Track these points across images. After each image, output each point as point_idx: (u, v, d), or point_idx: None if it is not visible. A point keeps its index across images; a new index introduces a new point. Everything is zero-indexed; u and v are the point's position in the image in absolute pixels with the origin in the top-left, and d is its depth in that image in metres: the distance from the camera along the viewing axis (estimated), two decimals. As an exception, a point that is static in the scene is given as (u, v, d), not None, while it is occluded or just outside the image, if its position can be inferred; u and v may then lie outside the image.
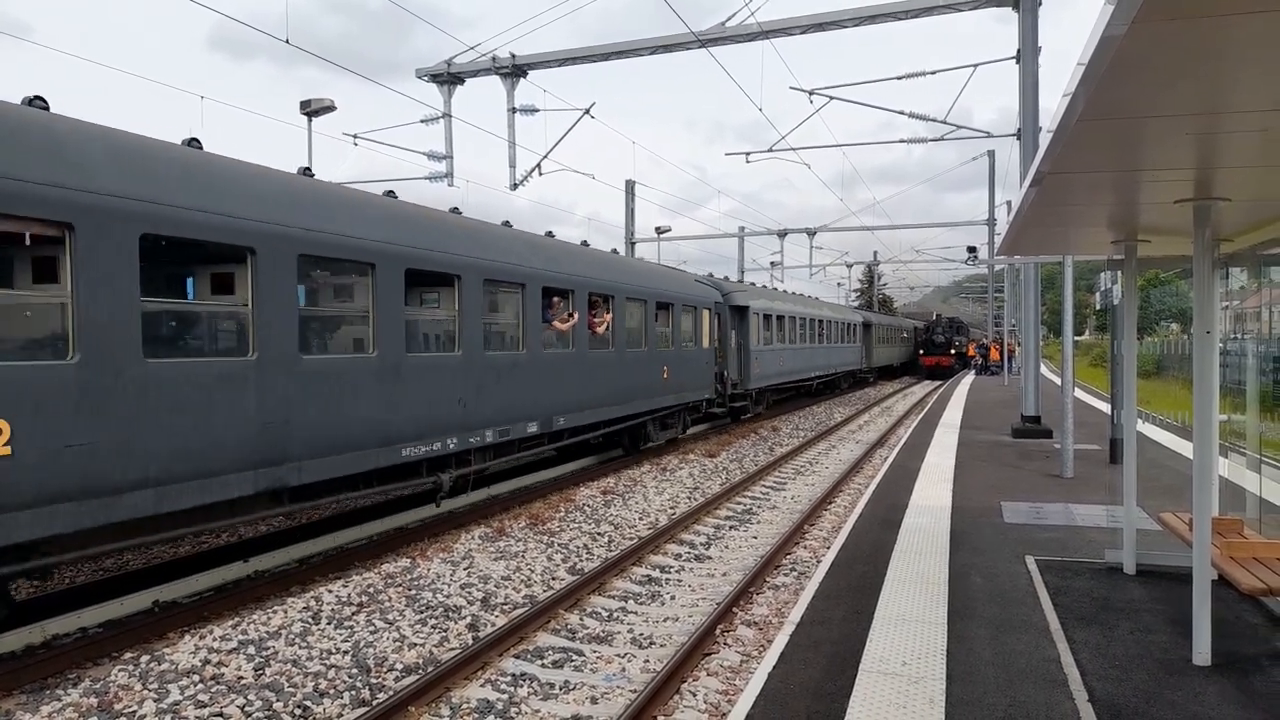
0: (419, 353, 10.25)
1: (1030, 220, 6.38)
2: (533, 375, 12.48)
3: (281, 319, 8.06)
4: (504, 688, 6.42)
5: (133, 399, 6.75)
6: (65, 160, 6.36)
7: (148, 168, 7.09)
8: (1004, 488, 12.29)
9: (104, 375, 6.53)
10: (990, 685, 5.26)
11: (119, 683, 6.21)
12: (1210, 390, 5.93)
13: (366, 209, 9.68)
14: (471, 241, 11.39)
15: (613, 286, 15.26)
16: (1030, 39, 16.96)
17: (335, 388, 8.74)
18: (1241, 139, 4.16)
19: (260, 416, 7.85)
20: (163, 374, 7.00)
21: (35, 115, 6.60)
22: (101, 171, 6.58)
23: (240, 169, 8.34)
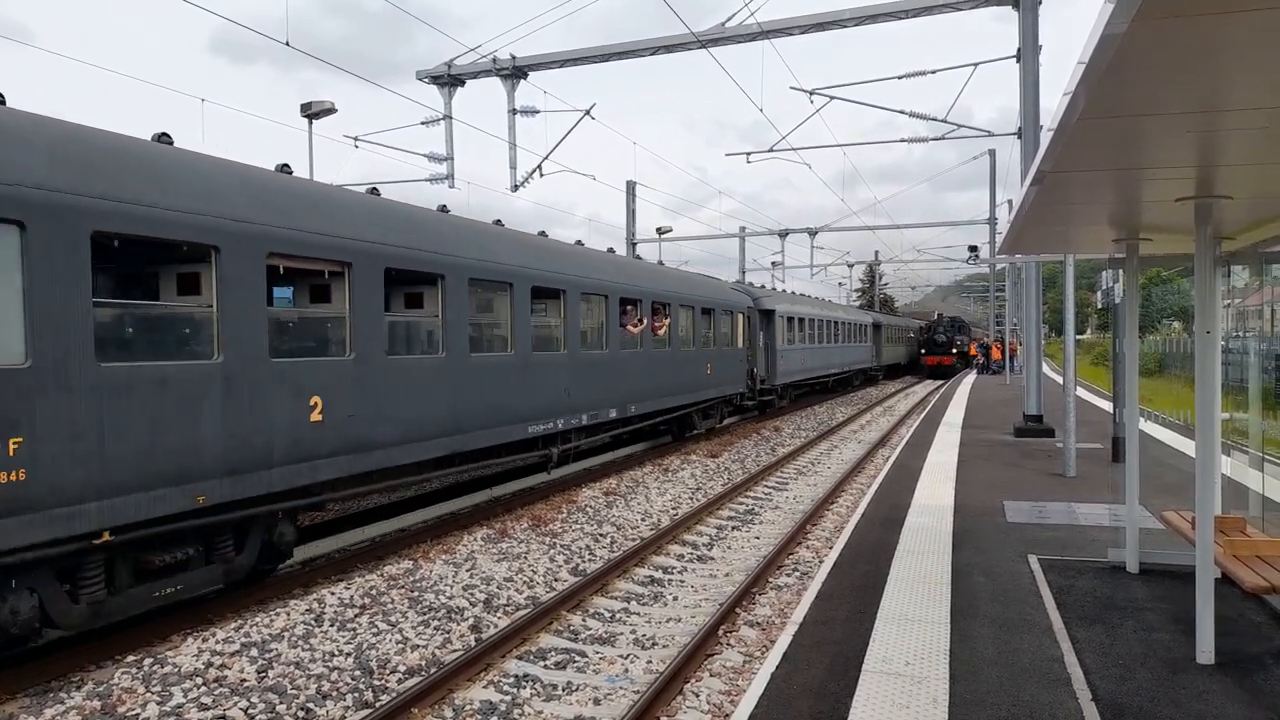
0: (540, 352, 12.84)
1: (1031, 219, 6.37)
2: (613, 370, 15.21)
3: (459, 327, 10.79)
4: (507, 689, 6.42)
5: (381, 384, 9.34)
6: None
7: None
8: (1006, 487, 12.28)
9: (366, 368, 9.14)
10: (993, 685, 5.25)
11: (122, 685, 6.21)
12: (1212, 388, 5.92)
13: (509, 242, 12.58)
14: (572, 263, 14.26)
15: (669, 295, 18.11)
16: (1031, 37, 16.95)
17: (490, 379, 11.48)
18: (1242, 136, 4.15)
19: (448, 399, 10.50)
20: (394, 366, 9.59)
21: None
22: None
23: (424, 215, 10.99)
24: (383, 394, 9.37)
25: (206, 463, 7.36)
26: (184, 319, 8.05)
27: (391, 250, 9.58)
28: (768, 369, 25.21)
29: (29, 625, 6.20)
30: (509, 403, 11.86)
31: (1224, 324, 8.11)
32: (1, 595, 5.99)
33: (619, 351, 15.45)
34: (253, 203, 8.01)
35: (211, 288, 7.63)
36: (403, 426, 9.66)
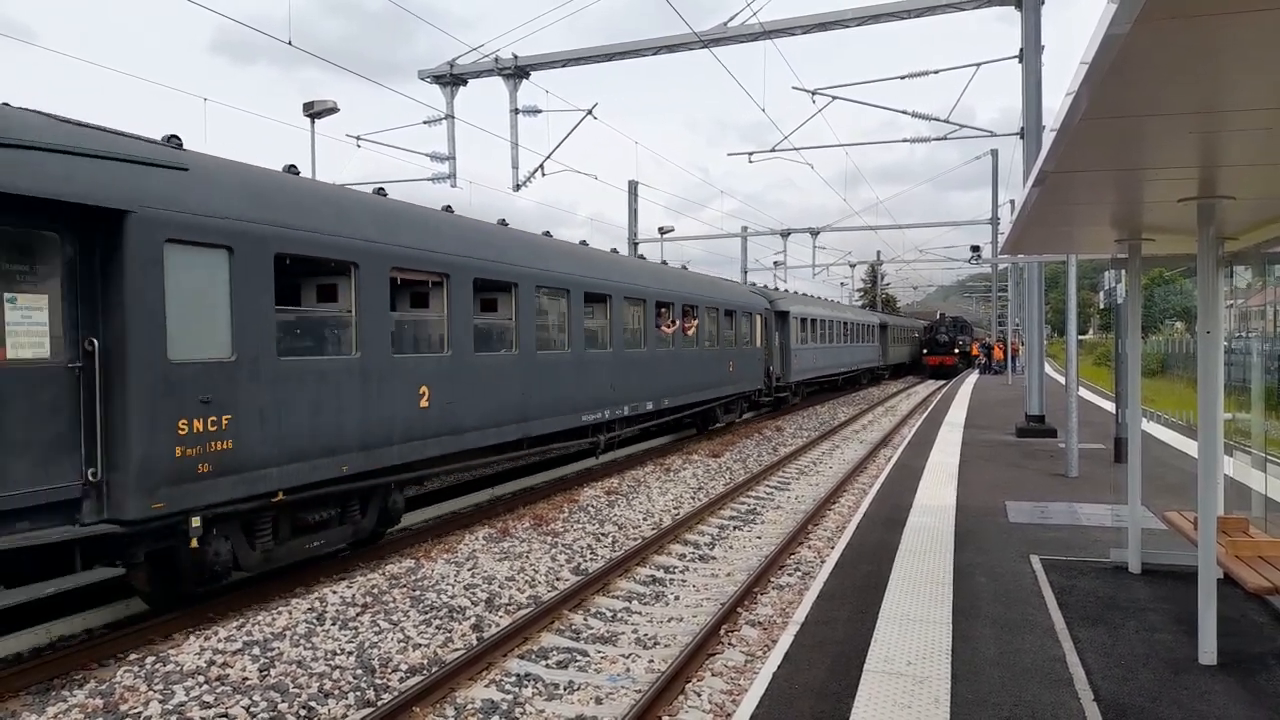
0: (590, 349, 14.42)
1: (1034, 219, 6.37)
2: (650, 368, 16.83)
3: (528, 328, 12.40)
4: (508, 688, 6.42)
5: (470, 377, 10.93)
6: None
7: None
8: (1008, 487, 12.27)
9: (459, 363, 10.72)
10: (995, 685, 5.25)
11: (124, 684, 6.22)
12: (1215, 389, 5.92)
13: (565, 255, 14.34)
14: (616, 271, 16.01)
15: (697, 299, 19.69)
16: (1033, 38, 16.94)
17: (551, 374, 13.03)
18: (1245, 137, 4.15)
19: (520, 390, 12.09)
20: (480, 361, 11.23)
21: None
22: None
23: (500, 232, 12.76)
24: (472, 385, 11.05)
25: (348, 439, 8.91)
26: (333, 322, 9.58)
27: (478, 264, 11.26)
28: (782, 367, 26.62)
29: (226, 566, 7.74)
30: (566, 394, 13.54)
31: (1226, 324, 8.10)
32: (208, 540, 7.44)
33: (655, 350, 17.18)
34: (379, 227, 9.63)
35: (351, 297, 9.25)
36: (486, 413, 11.36)
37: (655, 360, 17.12)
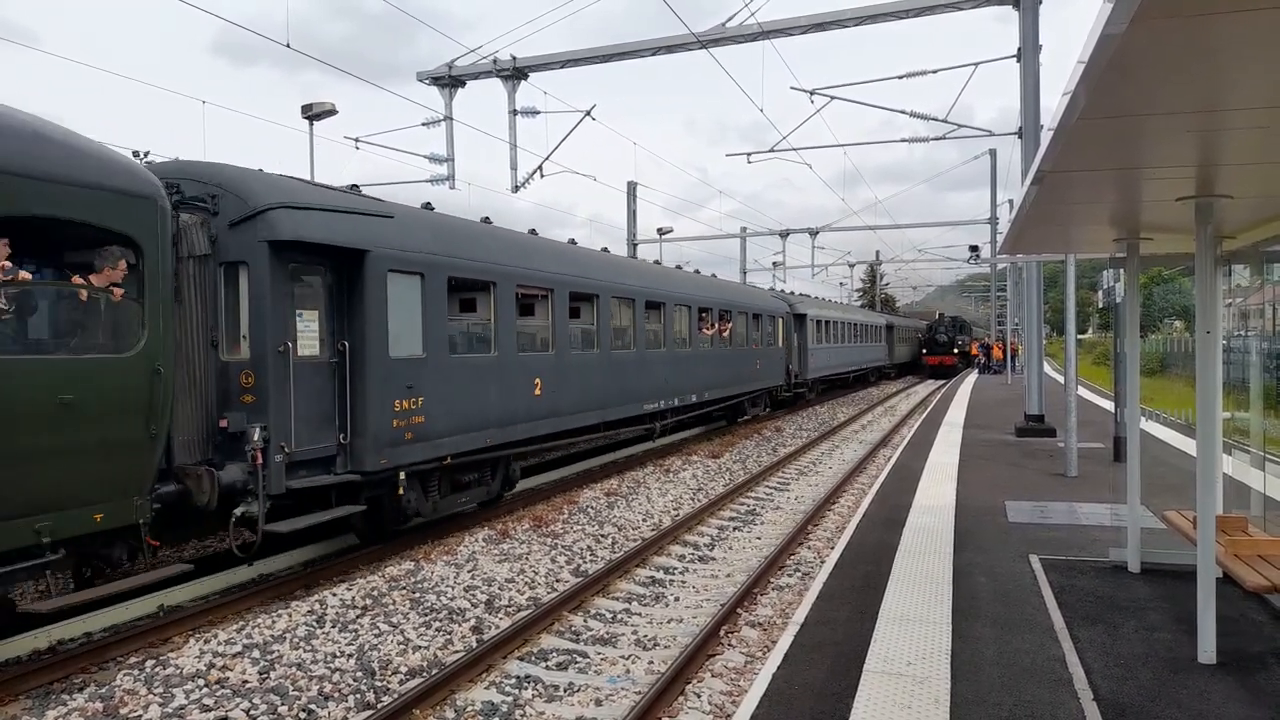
0: (649, 349, 16.88)
1: (1032, 219, 6.38)
2: (694, 365, 19.28)
3: (606, 330, 15.05)
4: (508, 690, 6.42)
5: (568, 371, 13.52)
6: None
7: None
8: (1008, 487, 12.27)
9: (561, 360, 13.30)
10: (995, 685, 5.25)
11: (124, 687, 6.21)
12: (1213, 388, 5.92)
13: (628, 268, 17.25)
14: (668, 281, 18.84)
15: (731, 304, 22.28)
16: (1031, 37, 16.94)
17: (622, 369, 15.57)
18: (1242, 136, 4.15)
19: (601, 382, 14.71)
20: (574, 358, 13.78)
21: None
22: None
23: (588, 253, 16.00)
24: (569, 378, 13.58)
25: (490, 418, 11.41)
26: (480, 328, 12.14)
27: (571, 280, 13.88)
28: (800, 366, 28.93)
29: (414, 511, 10.22)
30: (632, 387, 16.05)
31: (1225, 323, 8.10)
32: (403, 490, 9.86)
33: (698, 350, 19.67)
34: (508, 255, 12.33)
35: (490, 308, 11.81)
36: (578, 401, 13.91)
37: (698, 359, 19.63)
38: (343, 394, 9.13)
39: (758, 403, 25.16)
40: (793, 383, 28.05)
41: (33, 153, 6.14)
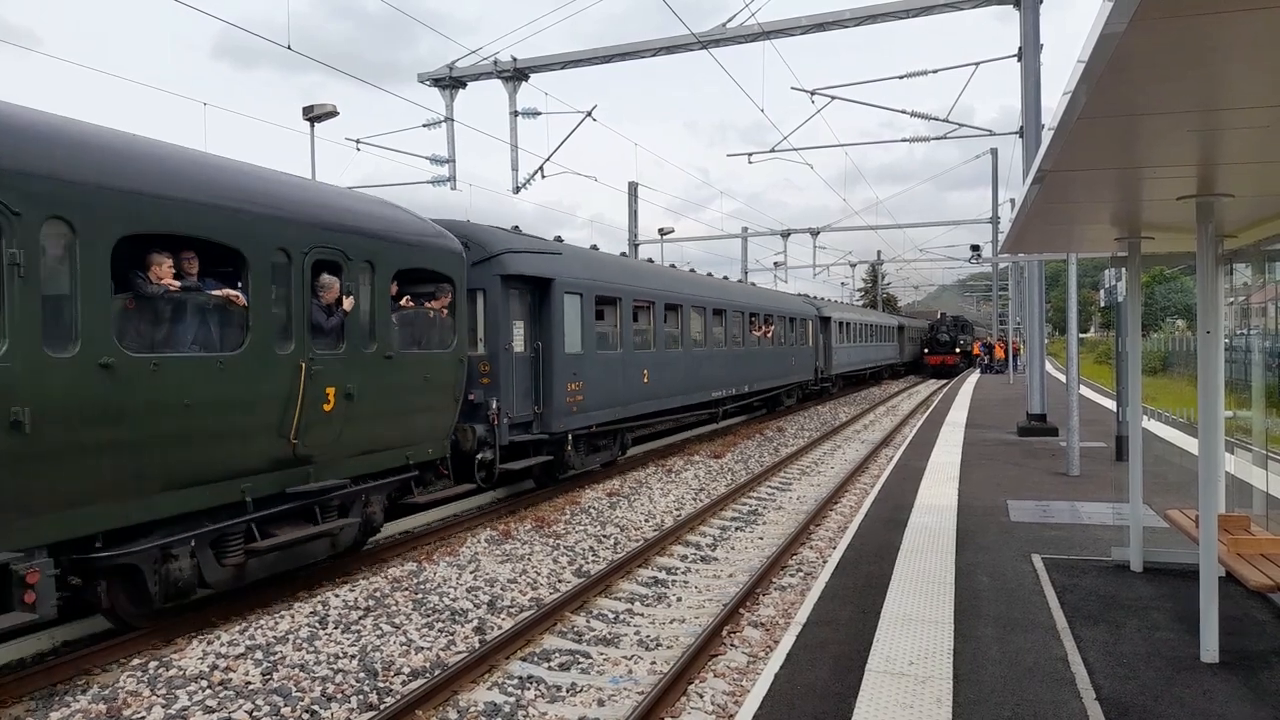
0: (715, 348, 20.95)
1: (1033, 218, 6.37)
2: (747, 361, 23.26)
3: (688, 332, 18.95)
4: (511, 690, 6.42)
5: (665, 365, 17.40)
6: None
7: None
8: (1010, 486, 12.27)
9: (659, 356, 17.08)
10: (998, 684, 5.25)
11: (127, 689, 6.22)
12: (1215, 386, 5.92)
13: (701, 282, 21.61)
14: (729, 291, 23.25)
15: (772, 309, 26.21)
16: (1032, 36, 16.94)
17: (698, 363, 19.44)
18: (1243, 135, 4.15)
19: (683, 374, 18.50)
20: (668, 355, 17.60)
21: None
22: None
23: (678, 273, 21.45)
24: (665, 370, 17.58)
25: (617, 398, 15.38)
26: (609, 331, 15.90)
27: (665, 294, 18.15)
28: (826, 363, 32.73)
29: (572, 464, 13.96)
30: (705, 378, 19.88)
31: (1227, 322, 8.09)
32: (570, 447, 13.68)
33: (750, 349, 23.55)
34: (626, 276, 16.71)
35: (617, 317, 15.93)
36: (671, 388, 17.91)
37: (750, 356, 23.49)
38: (537, 378, 13.18)
39: (791, 395, 28.91)
40: (819, 378, 31.91)
41: (418, 230, 10.29)
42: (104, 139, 6.85)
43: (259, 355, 7.76)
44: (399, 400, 9.57)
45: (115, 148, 6.84)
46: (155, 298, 7.10)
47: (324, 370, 8.42)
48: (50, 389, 5.98)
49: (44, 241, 5.99)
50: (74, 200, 6.16)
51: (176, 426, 6.98)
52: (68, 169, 6.20)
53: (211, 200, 7.37)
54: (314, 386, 8.28)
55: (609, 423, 15.06)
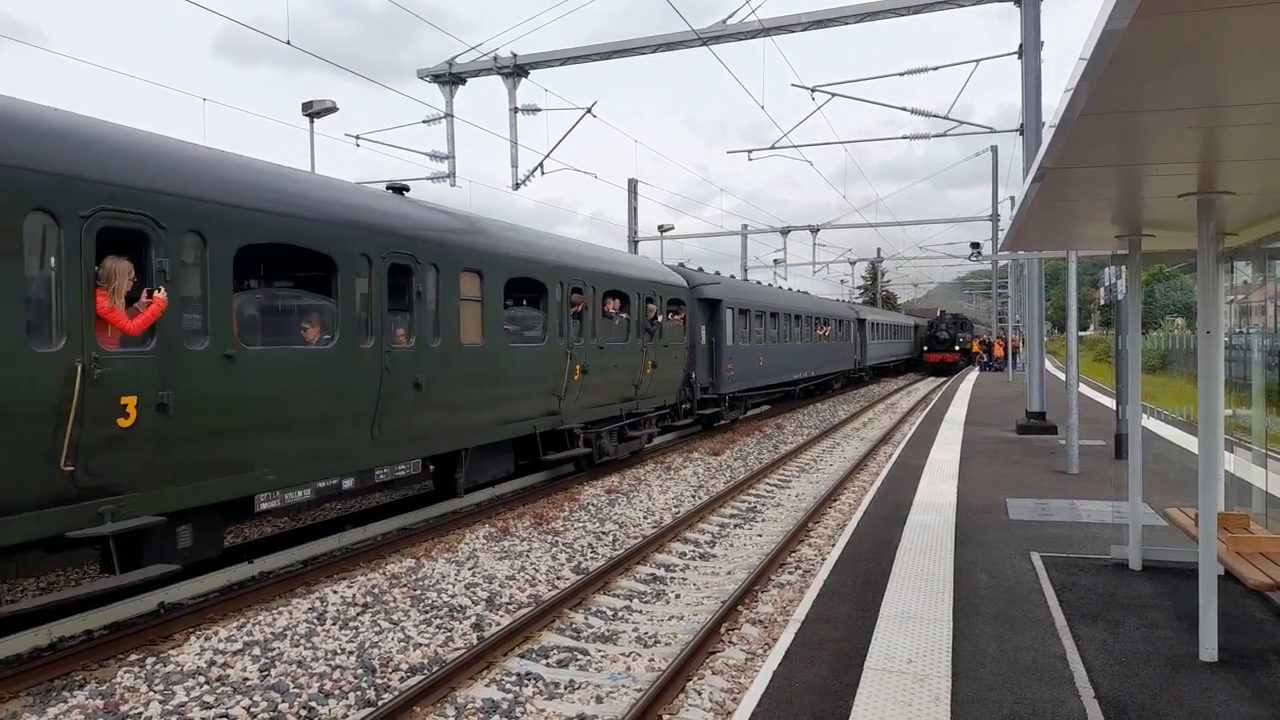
0: (797, 342, 28.27)
1: (1034, 215, 6.36)
2: (813, 353, 30.74)
3: (781, 331, 26.89)
4: (509, 687, 6.42)
5: (768, 353, 25.32)
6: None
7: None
8: (1009, 484, 12.26)
9: (767, 346, 25.38)
10: (996, 682, 5.25)
11: (125, 684, 6.22)
12: (1215, 385, 5.91)
13: (784, 294, 30.51)
14: (805, 301, 31.41)
15: (826, 314, 33.78)
16: (1033, 33, 16.91)
17: (786, 354, 27.10)
18: (1245, 132, 4.14)
19: (778, 362, 26.10)
20: (771, 347, 25.76)
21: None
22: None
23: (765, 289, 30.25)
24: (769, 357, 24.93)
25: (748, 375, 23.01)
26: (745, 331, 23.03)
27: (770, 305, 25.57)
28: (861, 356, 40.48)
29: (725, 418, 22.16)
30: (789, 365, 27.59)
31: (1227, 320, 8.08)
32: (726, 405, 21.81)
33: (814, 345, 31.12)
34: (752, 294, 25.10)
35: (748, 319, 23.31)
36: (771, 370, 25.02)
37: (816, 350, 31.38)
38: (711, 360, 20.71)
39: (836, 381, 36.39)
40: (857, 367, 39.76)
41: (658, 274, 18.10)
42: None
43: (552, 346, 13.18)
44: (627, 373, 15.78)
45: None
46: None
47: (576, 355, 13.71)
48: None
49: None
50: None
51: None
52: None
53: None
54: (571, 365, 13.57)
55: (741, 390, 22.82)
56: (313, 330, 8.80)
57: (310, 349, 8.66)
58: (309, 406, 8.45)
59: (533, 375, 12.50)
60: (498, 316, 11.56)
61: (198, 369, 7.18)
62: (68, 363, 6.19)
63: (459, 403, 10.76)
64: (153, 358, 6.83)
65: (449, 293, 10.51)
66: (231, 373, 7.48)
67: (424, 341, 10.04)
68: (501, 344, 11.69)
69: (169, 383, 6.92)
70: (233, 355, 7.49)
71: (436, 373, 10.14)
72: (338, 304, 8.78)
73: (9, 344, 5.91)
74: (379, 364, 9.27)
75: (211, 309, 7.33)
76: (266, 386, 7.94)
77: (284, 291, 9.22)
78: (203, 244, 7.26)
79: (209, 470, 7.44)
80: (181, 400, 6.99)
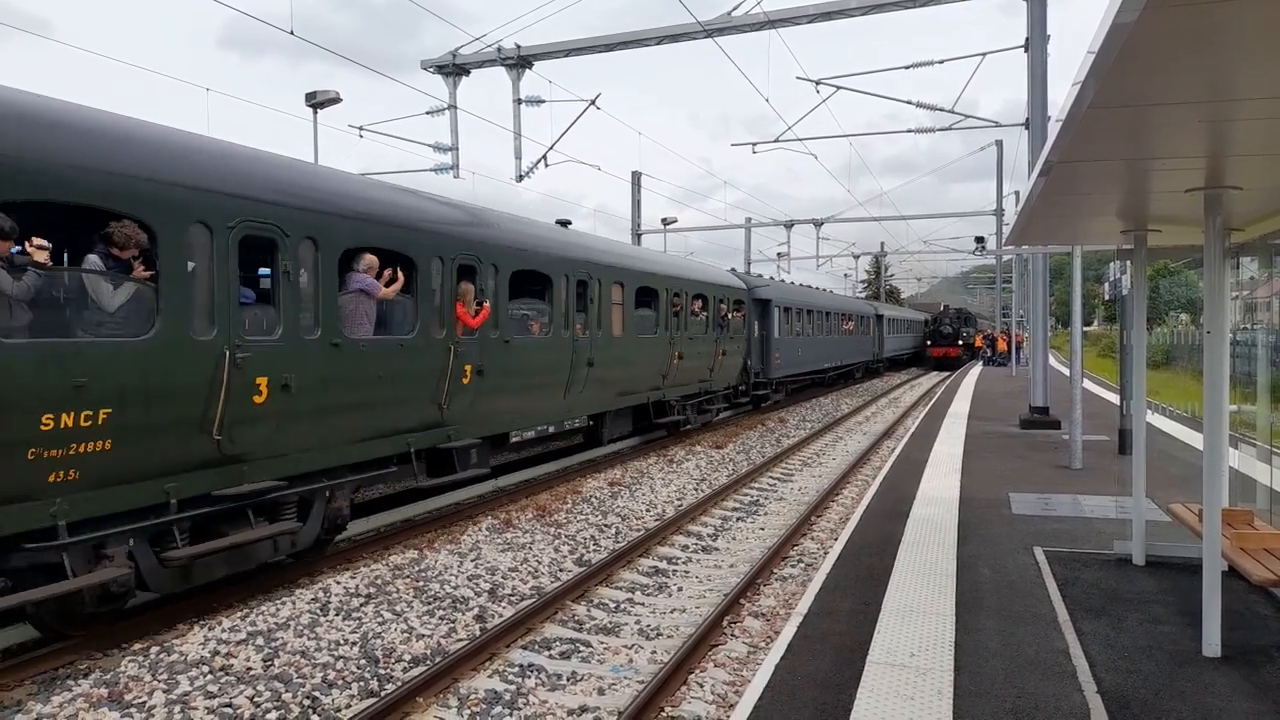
0: (828, 335, 32.97)
1: (1039, 210, 6.34)
2: (842, 345, 35.32)
3: (818, 326, 31.47)
4: (512, 678, 6.43)
5: (810, 345, 29.93)
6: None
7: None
8: (1012, 479, 12.26)
9: (809, 339, 29.92)
10: (998, 677, 5.25)
11: (129, 674, 6.24)
12: (1220, 380, 5.89)
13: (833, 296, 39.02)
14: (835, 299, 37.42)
15: (854, 311, 38.86)
16: (1039, 27, 16.84)
17: (820, 345, 31.65)
18: (1253, 126, 4.12)
19: (812, 354, 30.32)
20: (813, 339, 30.47)
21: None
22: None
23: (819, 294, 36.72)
24: (809, 348, 29.56)
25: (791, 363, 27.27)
26: (789, 325, 27.23)
27: (809, 303, 30.14)
28: (879, 349, 44.94)
29: (773, 400, 26.42)
30: (823, 354, 31.82)
31: (1232, 316, 8.06)
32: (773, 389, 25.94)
33: (842, 337, 35.42)
34: (795, 293, 29.70)
35: (791, 316, 27.57)
36: (811, 359, 29.78)
37: (843, 342, 35.73)
38: (763, 350, 24.26)
39: (857, 370, 40.46)
40: (874, 359, 44.09)
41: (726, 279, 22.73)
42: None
43: (660, 338, 17.19)
44: (705, 360, 19.73)
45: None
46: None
47: (677, 339, 17.84)
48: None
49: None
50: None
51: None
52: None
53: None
54: (673, 352, 17.52)
55: (786, 376, 26.61)
56: (536, 326, 12.78)
57: (538, 338, 12.74)
58: (535, 377, 12.45)
59: (648, 359, 16.67)
60: (632, 315, 15.72)
61: (500, 350, 11.40)
62: (444, 346, 10.24)
63: (610, 378, 14.83)
64: (476, 341, 10.81)
65: (605, 299, 14.61)
66: (509, 352, 11.64)
67: (593, 333, 14.10)
68: (634, 335, 15.82)
69: (485, 358, 10.97)
70: (509, 341, 11.67)
71: (599, 355, 14.22)
72: (551, 308, 12.95)
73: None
74: (571, 348, 13.40)
75: (504, 314, 11.56)
76: (521, 362, 11.99)
77: (528, 302, 12.86)
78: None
79: (493, 415, 11.50)
80: (490, 369, 11.04)
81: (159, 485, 6.92)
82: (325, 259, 8.42)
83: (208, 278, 7.17)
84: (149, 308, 6.72)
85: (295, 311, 8.03)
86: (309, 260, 8.28)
